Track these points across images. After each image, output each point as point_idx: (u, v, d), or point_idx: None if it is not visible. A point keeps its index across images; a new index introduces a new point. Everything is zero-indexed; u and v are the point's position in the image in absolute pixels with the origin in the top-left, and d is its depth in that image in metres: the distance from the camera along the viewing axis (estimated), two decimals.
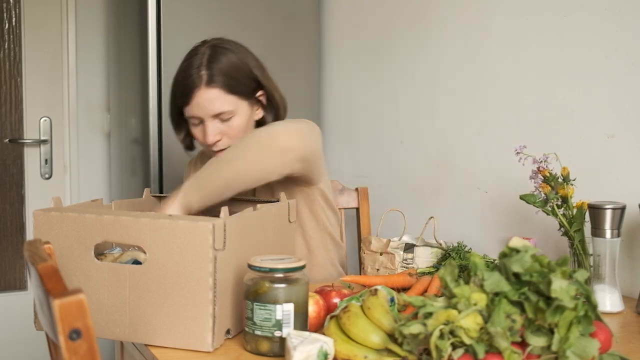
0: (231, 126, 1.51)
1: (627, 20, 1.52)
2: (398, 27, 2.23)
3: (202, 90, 1.47)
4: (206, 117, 1.49)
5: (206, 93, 1.47)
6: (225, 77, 1.48)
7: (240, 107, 1.51)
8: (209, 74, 1.47)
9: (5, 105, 2.83)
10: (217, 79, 1.47)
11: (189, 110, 1.51)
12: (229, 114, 1.49)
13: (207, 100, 1.47)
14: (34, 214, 1.19)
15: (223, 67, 1.49)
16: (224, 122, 1.50)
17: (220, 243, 1.09)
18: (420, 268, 1.51)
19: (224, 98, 1.48)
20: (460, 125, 1.98)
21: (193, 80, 1.47)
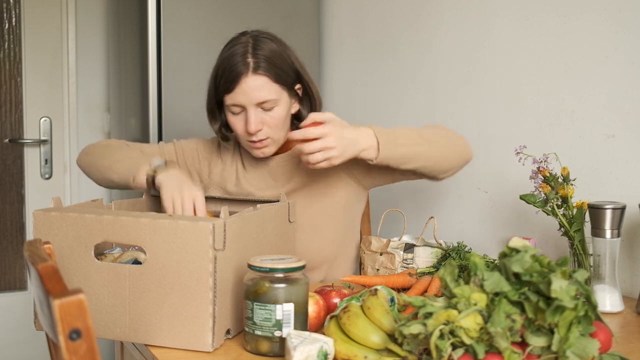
0: (272, 116, 1.50)
1: (627, 20, 1.52)
2: (398, 27, 2.23)
3: (248, 77, 1.46)
4: (249, 105, 1.48)
5: (252, 80, 1.46)
6: (270, 65, 1.48)
7: (283, 97, 1.51)
8: (255, 62, 1.47)
9: (5, 105, 2.83)
10: (263, 66, 1.47)
11: (231, 98, 1.49)
12: (272, 102, 1.49)
13: (253, 87, 1.46)
14: (34, 214, 1.19)
15: (268, 54, 1.48)
16: (266, 112, 1.49)
17: (220, 243, 1.09)
18: (420, 268, 1.51)
19: (269, 86, 1.48)
20: (460, 125, 1.98)
21: (239, 67, 1.46)
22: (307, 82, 1.58)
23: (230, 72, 1.47)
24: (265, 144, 1.53)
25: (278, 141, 1.56)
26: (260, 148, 1.54)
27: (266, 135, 1.52)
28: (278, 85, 1.49)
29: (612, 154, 1.56)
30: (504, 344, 0.88)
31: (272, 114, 1.50)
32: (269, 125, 1.51)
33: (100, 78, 3.00)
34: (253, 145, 1.53)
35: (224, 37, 2.34)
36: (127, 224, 1.12)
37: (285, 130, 1.56)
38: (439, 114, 2.06)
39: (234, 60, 1.47)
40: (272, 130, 1.52)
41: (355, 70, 2.43)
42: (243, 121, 1.50)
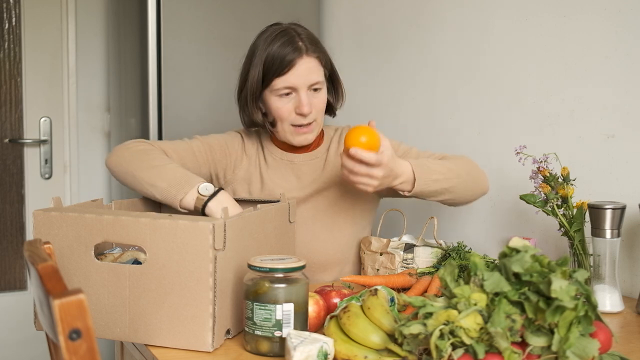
0: (320, 98, 1.54)
1: (627, 20, 1.52)
2: (398, 27, 2.23)
3: (303, 59, 1.49)
4: (302, 87, 1.50)
5: (307, 62, 1.50)
6: (318, 48, 1.53)
7: (325, 82, 1.57)
8: (306, 45, 1.51)
9: (5, 105, 2.83)
10: (314, 49, 1.52)
11: (283, 80, 1.49)
12: (320, 84, 1.53)
13: (307, 69, 1.50)
14: (34, 214, 1.19)
15: (314, 40, 1.54)
16: (315, 94, 1.53)
17: (220, 243, 1.09)
18: (420, 268, 1.51)
19: (319, 68, 1.53)
20: (460, 125, 1.98)
21: (293, 50, 1.49)
22: (336, 75, 1.62)
23: (285, 56, 1.49)
24: (311, 129, 1.55)
25: (320, 126, 1.59)
26: (306, 133, 1.55)
27: (314, 118, 1.54)
28: (324, 69, 1.55)
29: (612, 154, 1.56)
30: (504, 344, 0.88)
31: (319, 96, 1.54)
32: (317, 108, 1.54)
33: (100, 78, 3.00)
34: (299, 130, 1.54)
35: (224, 37, 2.35)
36: (127, 224, 1.12)
37: (323, 117, 1.60)
38: (439, 114, 2.06)
39: (286, 44, 1.49)
40: (319, 114, 1.55)
41: (355, 71, 2.43)
42: (292, 104, 1.51)
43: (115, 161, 1.49)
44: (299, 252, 1.53)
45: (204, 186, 1.37)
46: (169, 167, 1.43)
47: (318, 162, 1.63)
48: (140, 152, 1.48)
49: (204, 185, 1.37)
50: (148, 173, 1.42)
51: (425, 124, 2.12)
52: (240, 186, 1.63)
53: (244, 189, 1.62)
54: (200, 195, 1.36)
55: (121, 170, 1.48)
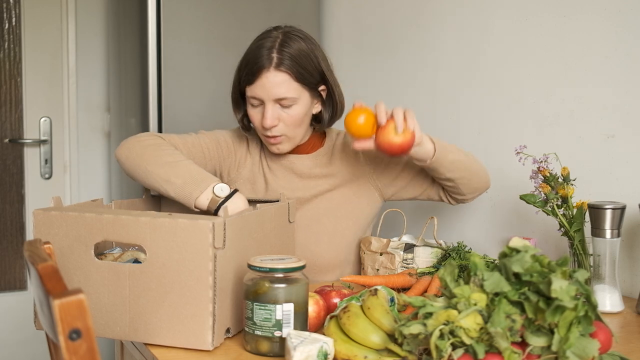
0: (290, 114, 1.51)
1: (627, 20, 1.52)
2: (398, 27, 2.23)
3: (269, 72, 1.47)
4: (268, 100, 1.49)
5: (273, 76, 1.47)
6: (294, 63, 1.48)
7: (303, 97, 1.52)
8: (279, 58, 1.47)
9: (5, 105, 2.83)
10: (286, 63, 1.47)
11: (251, 90, 1.50)
12: (290, 100, 1.49)
13: (273, 83, 1.47)
14: (34, 213, 1.19)
15: (294, 53, 1.49)
16: (284, 109, 1.50)
17: (220, 242, 1.09)
18: (420, 268, 1.51)
19: (289, 84, 1.48)
20: (460, 125, 1.98)
21: (262, 61, 1.47)
22: (332, 85, 1.57)
23: (253, 65, 1.48)
24: (279, 141, 1.54)
25: (294, 139, 1.56)
26: (275, 144, 1.55)
27: (281, 132, 1.52)
28: (299, 84, 1.49)
29: (612, 154, 1.56)
30: (504, 344, 0.88)
31: (289, 111, 1.50)
32: (285, 122, 1.51)
33: (100, 78, 3.00)
34: (267, 140, 1.55)
35: (224, 37, 2.35)
36: (127, 223, 1.12)
37: (304, 129, 1.57)
38: (439, 114, 2.06)
39: (259, 53, 1.48)
40: (287, 128, 1.52)
41: (355, 71, 2.43)
42: (260, 114, 1.51)
43: (126, 154, 1.47)
44: (301, 254, 1.52)
45: (219, 187, 1.35)
46: (184, 164, 1.42)
47: (320, 164, 1.63)
48: (153, 147, 1.46)
49: (219, 186, 1.36)
50: (162, 169, 1.40)
51: (425, 124, 2.11)
52: (244, 186, 1.62)
53: (247, 189, 1.62)
54: (216, 196, 1.35)
55: (132, 164, 1.45)
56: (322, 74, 1.55)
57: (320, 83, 1.56)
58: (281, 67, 1.47)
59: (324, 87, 1.57)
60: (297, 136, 1.56)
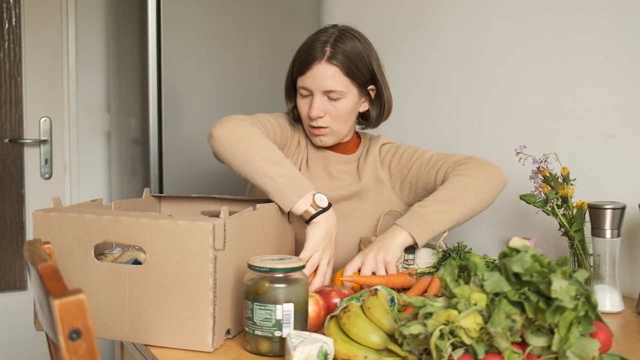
0: (337, 107, 1.55)
1: (627, 20, 1.52)
2: (398, 27, 2.23)
3: (321, 64, 1.52)
4: (316, 90, 1.53)
5: (324, 68, 1.52)
6: (346, 58, 1.52)
7: (351, 92, 1.55)
8: (332, 52, 1.52)
9: (5, 105, 2.83)
10: (338, 57, 1.52)
11: (302, 80, 1.55)
12: (338, 94, 1.53)
13: (323, 75, 1.52)
14: (34, 214, 1.19)
15: (347, 49, 1.53)
16: (331, 101, 1.54)
17: (221, 243, 1.09)
18: (420, 268, 1.51)
19: (339, 77, 1.52)
20: (460, 125, 1.98)
21: (315, 53, 1.52)
22: (381, 85, 1.61)
23: (306, 56, 1.53)
24: (323, 132, 1.58)
25: (338, 134, 1.60)
26: (318, 135, 1.59)
27: (326, 124, 1.56)
28: (348, 79, 1.54)
29: (612, 154, 1.56)
30: (504, 344, 0.88)
31: (336, 104, 1.54)
32: (332, 115, 1.55)
33: (100, 78, 3.00)
34: (312, 131, 1.59)
35: (224, 37, 2.35)
36: (127, 224, 1.12)
37: (349, 125, 1.61)
38: (439, 114, 2.06)
39: (313, 46, 1.53)
40: (333, 121, 1.56)
41: None
42: (308, 105, 1.55)
43: (228, 135, 1.44)
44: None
45: (319, 197, 1.39)
46: (287, 165, 1.42)
47: (352, 167, 1.66)
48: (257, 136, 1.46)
49: (319, 196, 1.39)
50: (266, 163, 1.40)
51: (425, 124, 2.12)
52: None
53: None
54: (315, 205, 1.38)
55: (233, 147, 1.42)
56: (373, 74, 1.59)
57: (370, 83, 1.59)
58: (333, 61, 1.51)
59: (373, 87, 1.61)
60: (341, 131, 1.60)
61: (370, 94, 1.62)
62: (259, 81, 2.40)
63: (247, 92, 2.40)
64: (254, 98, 2.38)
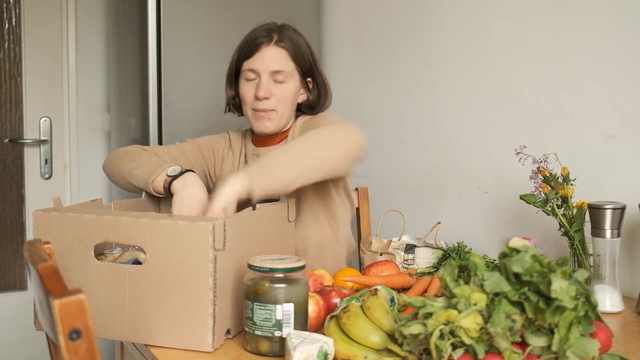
0: (282, 90, 1.59)
1: (627, 20, 1.52)
2: (398, 27, 2.23)
3: (269, 47, 1.58)
4: (264, 72, 1.57)
5: (273, 50, 1.58)
6: (291, 44, 1.60)
7: (294, 77, 1.61)
8: (279, 36, 1.59)
9: (5, 105, 2.83)
10: (286, 42, 1.59)
11: (249, 63, 1.59)
12: (285, 76, 1.58)
13: (272, 56, 1.57)
14: (34, 214, 1.19)
15: (292, 36, 1.62)
16: (277, 84, 1.58)
17: (220, 243, 1.09)
18: (420, 268, 1.51)
19: (286, 60, 1.59)
20: (460, 125, 1.98)
21: (262, 38, 1.58)
22: (320, 78, 1.66)
23: (254, 40, 1.59)
24: (269, 116, 1.59)
25: (281, 117, 1.61)
26: (264, 118, 1.59)
27: (273, 107, 1.59)
28: (294, 63, 1.60)
29: (612, 154, 1.56)
30: (504, 344, 0.88)
31: (282, 87, 1.59)
32: (277, 97, 1.58)
33: (100, 78, 3.00)
34: (257, 114, 1.60)
35: (224, 37, 2.35)
36: (127, 224, 1.12)
37: (291, 111, 1.64)
38: (439, 114, 2.06)
39: (259, 33, 1.60)
40: (278, 104, 1.59)
41: (355, 71, 2.43)
42: (254, 88, 1.58)
43: (107, 164, 1.61)
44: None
45: (172, 168, 1.44)
46: (145, 158, 1.52)
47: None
48: (126, 152, 1.58)
49: (172, 168, 1.44)
50: (128, 166, 1.52)
51: (425, 124, 2.12)
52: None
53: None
54: (168, 176, 1.43)
55: (111, 171, 1.59)
56: (312, 65, 1.64)
57: (309, 74, 1.64)
58: (280, 44, 1.58)
59: (311, 80, 1.66)
60: (284, 115, 1.61)
61: (309, 86, 1.66)
62: None
63: None
64: None
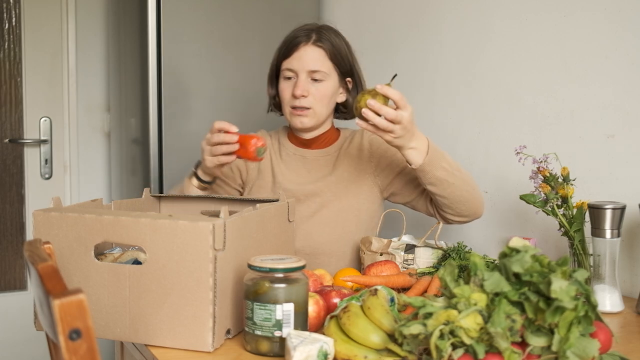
0: (319, 89, 1.63)
1: (627, 20, 1.52)
2: (398, 27, 2.23)
3: (307, 46, 1.62)
4: (302, 71, 1.62)
5: (311, 50, 1.62)
6: (329, 44, 1.64)
7: (332, 77, 1.65)
8: (317, 36, 1.63)
9: (5, 105, 2.83)
10: (324, 42, 1.63)
11: (288, 62, 1.64)
12: (322, 75, 1.63)
13: (310, 56, 1.62)
14: (34, 214, 1.19)
15: (331, 37, 1.65)
16: (315, 83, 1.63)
17: (220, 243, 1.09)
18: (420, 268, 1.51)
19: (323, 59, 1.63)
20: (460, 126, 1.98)
21: (301, 38, 1.63)
22: (358, 79, 1.71)
23: (292, 40, 1.64)
24: (305, 113, 1.64)
25: (318, 116, 1.66)
26: (301, 116, 1.64)
27: (309, 105, 1.63)
28: (332, 63, 1.64)
29: (612, 154, 1.56)
30: (504, 344, 0.88)
31: (319, 86, 1.63)
32: (314, 96, 1.63)
33: (100, 78, 3.00)
34: (294, 111, 1.64)
35: (224, 37, 2.35)
36: (127, 224, 1.12)
37: (329, 110, 1.68)
38: (439, 114, 2.06)
39: (298, 33, 1.64)
40: (315, 102, 1.63)
41: None
42: (292, 86, 1.63)
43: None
44: (304, 243, 1.62)
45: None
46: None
47: (330, 159, 1.72)
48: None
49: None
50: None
51: (425, 124, 2.12)
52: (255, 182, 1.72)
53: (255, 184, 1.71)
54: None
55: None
56: (352, 66, 1.69)
57: (348, 75, 1.69)
58: (318, 43, 1.62)
59: (351, 80, 1.70)
60: (322, 114, 1.66)
61: (348, 86, 1.70)
62: (259, 81, 2.39)
63: (247, 92, 2.40)
64: (253, 98, 2.37)
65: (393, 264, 1.47)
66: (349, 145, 1.72)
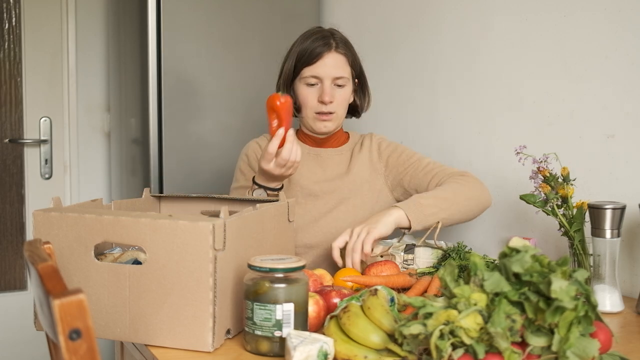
0: (342, 94, 1.70)
1: (627, 20, 1.52)
2: (398, 27, 2.23)
3: (332, 53, 1.68)
4: (327, 77, 1.67)
5: (335, 56, 1.68)
6: (349, 50, 1.72)
7: (350, 81, 1.73)
8: (337, 44, 1.69)
9: (5, 105, 2.83)
10: (344, 48, 1.71)
11: (311, 70, 1.67)
12: (344, 81, 1.70)
13: (334, 62, 1.68)
14: (34, 214, 1.19)
15: (347, 43, 1.73)
16: (338, 88, 1.69)
17: (220, 243, 1.09)
18: (420, 268, 1.51)
19: (345, 66, 1.70)
20: (460, 125, 1.98)
21: (323, 45, 1.68)
22: (364, 80, 1.78)
23: (315, 48, 1.68)
24: (330, 118, 1.71)
25: (340, 119, 1.74)
26: (326, 121, 1.71)
27: (334, 110, 1.70)
28: (350, 68, 1.72)
29: (612, 154, 1.56)
30: (504, 344, 0.88)
31: (341, 91, 1.70)
32: (338, 101, 1.70)
33: (100, 78, 3.00)
34: (320, 117, 1.70)
35: (224, 37, 2.35)
36: (127, 224, 1.12)
37: (345, 112, 1.76)
38: (439, 114, 2.06)
39: (317, 41, 1.68)
40: (338, 106, 1.70)
41: None
42: (316, 93, 1.69)
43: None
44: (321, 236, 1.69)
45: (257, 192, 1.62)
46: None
47: (344, 159, 1.78)
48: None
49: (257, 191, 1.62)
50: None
51: (425, 124, 2.12)
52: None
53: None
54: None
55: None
56: (361, 67, 1.76)
57: (357, 77, 1.76)
58: (340, 50, 1.69)
59: (357, 81, 1.77)
60: (341, 118, 1.74)
61: (356, 88, 1.77)
62: (259, 81, 2.40)
63: (247, 92, 2.40)
64: (254, 98, 2.38)
65: (393, 264, 1.47)
66: (361, 147, 1.79)
